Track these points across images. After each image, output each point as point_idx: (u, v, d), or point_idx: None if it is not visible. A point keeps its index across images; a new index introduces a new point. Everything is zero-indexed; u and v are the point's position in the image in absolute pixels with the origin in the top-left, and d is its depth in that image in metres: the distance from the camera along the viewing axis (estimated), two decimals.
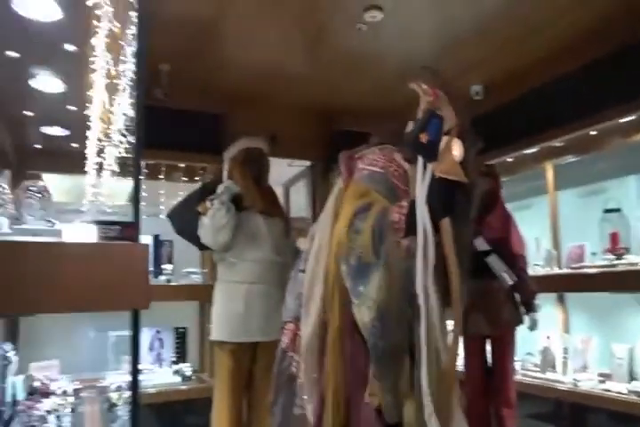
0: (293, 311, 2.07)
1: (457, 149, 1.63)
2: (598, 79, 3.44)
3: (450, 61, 3.81)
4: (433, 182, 1.64)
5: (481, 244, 3.29)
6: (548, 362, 3.87)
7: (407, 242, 1.72)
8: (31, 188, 1.50)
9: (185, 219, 2.89)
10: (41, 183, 1.54)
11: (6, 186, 1.51)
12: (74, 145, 3.91)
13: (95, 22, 2.01)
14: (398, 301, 1.71)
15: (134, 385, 1.53)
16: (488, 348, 3.51)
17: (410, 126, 1.68)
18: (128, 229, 1.33)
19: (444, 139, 1.61)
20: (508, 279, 3.11)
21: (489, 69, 3.97)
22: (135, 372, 1.54)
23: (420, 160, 1.68)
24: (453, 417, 1.64)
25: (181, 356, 4.29)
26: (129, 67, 1.94)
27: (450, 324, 1.73)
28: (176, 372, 4.12)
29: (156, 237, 4.30)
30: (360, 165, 2.04)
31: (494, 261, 3.17)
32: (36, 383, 3.11)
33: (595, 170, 4.03)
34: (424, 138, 1.61)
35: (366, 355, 1.75)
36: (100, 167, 3.50)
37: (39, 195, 1.50)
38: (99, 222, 1.32)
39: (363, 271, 1.72)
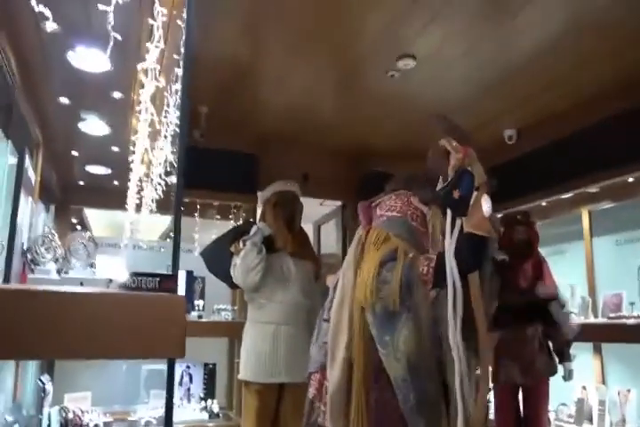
0: (319, 362, 2.07)
1: (485, 205, 1.67)
2: (634, 125, 3.43)
3: (481, 106, 3.85)
4: (462, 237, 1.67)
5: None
6: (583, 414, 3.74)
7: (433, 293, 1.75)
8: (79, 236, 1.58)
9: (217, 258, 2.94)
10: (88, 233, 1.62)
11: (55, 233, 1.58)
12: (115, 183, 4.06)
13: (142, 76, 2.12)
14: (428, 353, 1.72)
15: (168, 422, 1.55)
16: (521, 397, 3.45)
17: (440, 183, 1.74)
18: (167, 282, 1.37)
19: (474, 195, 1.66)
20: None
21: (522, 114, 4.00)
22: (170, 410, 1.55)
23: (449, 215, 1.72)
24: None
25: (210, 392, 4.30)
26: (171, 117, 2.03)
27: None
28: (204, 408, 4.13)
29: (190, 273, 4.35)
30: (378, 211, 2.07)
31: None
32: (70, 415, 3.15)
33: (632, 217, 3.97)
34: (456, 194, 1.65)
35: (394, 401, 1.74)
36: (139, 205, 3.62)
37: (87, 243, 1.57)
38: (139, 274, 1.37)
39: (389, 321, 1.73)
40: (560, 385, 3.54)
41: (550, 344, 3.41)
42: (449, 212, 1.73)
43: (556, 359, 3.40)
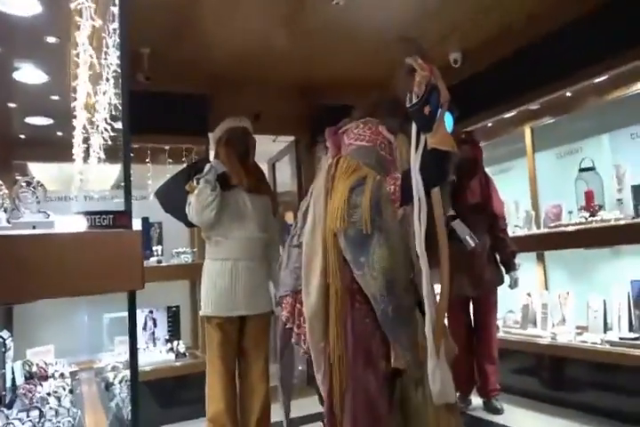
0: (291, 286, 2.14)
1: (448, 122, 1.74)
2: (570, 42, 3.52)
3: (427, 31, 3.84)
4: (426, 152, 1.76)
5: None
6: (528, 319, 4.02)
7: (401, 211, 1.86)
8: (26, 182, 1.58)
9: (173, 197, 2.97)
10: (35, 178, 1.62)
11: (1, 182, 1.58)
12: (59, 133, 3.95)
13: (77, 17, 2.05)
14: (402, 267, 1.85)
15: (133, 363, 1.62)
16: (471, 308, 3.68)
17: (408, 101, 1.76)
18: (120, 218, 1.42)
19: (439, 111, 1.71)
20: (471, 242, 3.16)
21: (466, 37, 4.02)
22: (134, 350, 1.63)
23: (414, 132, 1.78)
24: (439, 368, 1.78)
25: (175, 334, 4.36)
26: (112, 58, 1.99)
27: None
28: (170, 349, 4.21)
29: (145, 220, 4.34)
30: (347, 140, 2.12)
31: (458, 226, 3.22)
32: (34, 368, 3.16)
33: (571, 130, 4.13)
34: (427, 110, 1.70)
35: (369, 322, 1.88)
36: (86, 155, 3.55)
37: (34, 189, 1.58)
38: (92, 213, 1.40)
39: (362, 243, 1.83)
40: (507, 293, 3.79)
41: (497, 256, 3.63)
42: (414, 128, 1.79)
43: (503, 270, 3.63)
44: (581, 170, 3.86)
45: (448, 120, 1.75)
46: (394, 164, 2.00)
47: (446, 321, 3.50)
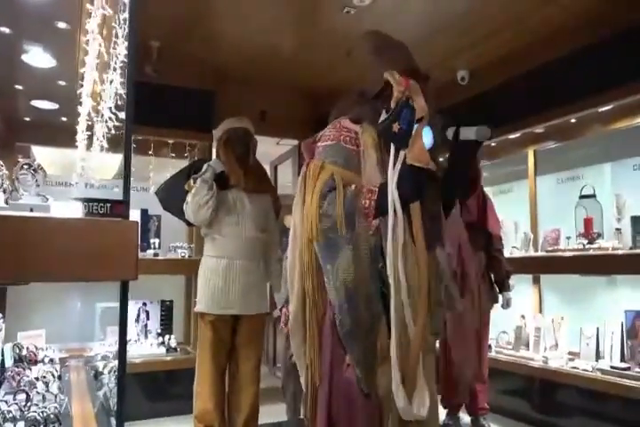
0: (286, 296, 2.15)
1: (426, 138, 1.73)
2: (578, 69, 3.52)
3: (436, 46, 3.85)
4: (403, 168, 1.73)
5: None
6: (521, 340, 4.03)
7: (376, 222, 1.83)
8: (26, 165, 1.58)
9: (172, 195, 2.98)
10: (36, 161, 1.62)
11: (1, 163, 1.57)
12: (63, 119, 3.95)
13: (88, 5, 2.05)
14: (366, 280, 1.82)
15: (122, 353, 1.61)
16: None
17: (383, 116, 1.77)
18: (118, 207, 1.41)
19: (415, 127, 1.70)
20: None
21: (475, 55, 4.02)
22: (123, 340, 1.62)
23: (393, 147, 1.76)
24: (417, 387, 1.75)
25: (167, 328, 4.37)
26: (120, 48, 1.99)
27: None
28: (161, 343, 4.22)
29: (145, 212, 4.34)
30: (317, 145, 2.10)
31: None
32: (24, 352, 3.17)
33: (573, 157, 4.14)
34: (396, 127, 1.70)
35: None
36: (90, 142, 3.55)
37: (34, 172, 1.57)
38: (90, 200, 1.39)
39: (331, 251, 1.82)
40: (501, 314, 3.77)
41: (491, 275, 3.62)
42: (392, 145, 1.78)
43: (497, 289, 3.62)
44: (582, 197, 3.86)
45: (427, 136, 1.74)
46: (359, 154, 1.95)
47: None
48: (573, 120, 3.76)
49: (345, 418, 1.83)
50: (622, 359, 3.33)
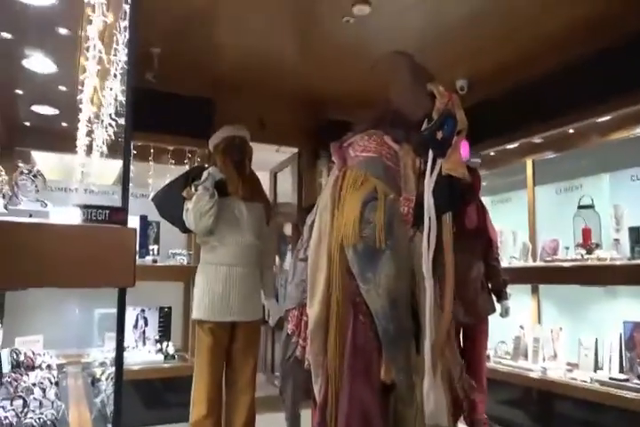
0: (297, 299, 2.14)
1: (464, 150, 1.76)
2: (577, 79, 3.55)
3: (436, 55, 3.83)
4: (440, 178, 1.76)
5: None
6: (519, 351, 4.02)
7: (411, 232, 1.87)
8: (26, 170, 1.58)
9: (169, 203, 2.98)
10: (36, 167, 1.62)
11: (1, 168, 1.57)
12: (63, 124, 3.95)
13: (89, 11, 2.06)
14: (405, 287, 1.85)
15: (119, 360, 1.61)
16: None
17: (425, 125, 1.81)
18: (116, 214, 1.41)
19: (455, 139, 1.74)
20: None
21: (474, 65, 4.05)
22: (120, 347, 1.62)
23: (431, 156, 1.80)
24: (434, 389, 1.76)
25: (165, 335, 4.36)
26: (121, 55, 2.00)
27: None
28: (159, 350, 4.21)
29: (144, 218, 4.33)
30: (352, 152, 2.12)
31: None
32: (21, 357, 3.16)
33: (571, 167, 4.15)
34: (439, 135, 1.74)
35: (372, 336, 1.87)
36: (90, 148, 3.56)
37: (34, 177, 1.57)
38: (89, 206, 1.39)
39: (372, 259, 1.83)
40: (499, 325, 3.77)
41: (489, 284, 3.61)
42: (431, 152, 1.80)
43: (495, 299, 3.62)
44: (580, 207, 3.87)
45: (463, 148, 1.78)
46: (399, 173, 2.00)
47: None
48: (571, 130, 3.78)
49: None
50: (621, 370, 3.32)
